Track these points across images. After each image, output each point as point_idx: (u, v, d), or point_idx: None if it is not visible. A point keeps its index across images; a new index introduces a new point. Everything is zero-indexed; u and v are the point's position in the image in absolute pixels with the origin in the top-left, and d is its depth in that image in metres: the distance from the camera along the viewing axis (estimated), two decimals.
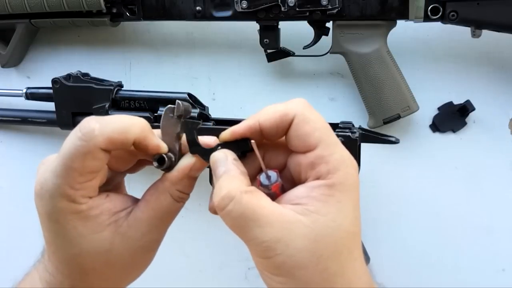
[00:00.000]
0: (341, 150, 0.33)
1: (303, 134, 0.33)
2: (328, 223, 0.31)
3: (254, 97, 0.69)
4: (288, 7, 0.60)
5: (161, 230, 0.37)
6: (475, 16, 0.57)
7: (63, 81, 0.62)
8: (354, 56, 0.61)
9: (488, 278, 0.66)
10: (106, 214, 0.34)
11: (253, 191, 0.32)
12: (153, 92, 0.61)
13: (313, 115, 0.34)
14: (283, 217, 0.31)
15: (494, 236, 0.65)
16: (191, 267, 0.72)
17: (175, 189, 0.36)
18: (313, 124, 0.33)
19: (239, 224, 0.32)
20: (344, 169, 0.32)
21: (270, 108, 0.35)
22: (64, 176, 0.32)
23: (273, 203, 0.32)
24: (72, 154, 0.32)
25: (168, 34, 0.70)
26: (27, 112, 0.70)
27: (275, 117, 0.34)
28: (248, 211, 0.31)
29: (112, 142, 0.32)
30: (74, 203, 0.33)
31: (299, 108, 0.34)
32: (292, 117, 0.34)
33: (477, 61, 0.64)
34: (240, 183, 0.33)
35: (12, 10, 0.65)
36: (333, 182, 0.32)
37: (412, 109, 0.62)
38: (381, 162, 0.66)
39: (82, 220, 0.33)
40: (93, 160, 0.32)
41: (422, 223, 0.66)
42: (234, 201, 0.31)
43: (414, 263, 0.66)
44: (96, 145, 0.32)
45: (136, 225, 0.35)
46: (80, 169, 0.32)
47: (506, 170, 0.64)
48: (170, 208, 0.36)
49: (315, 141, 0.33)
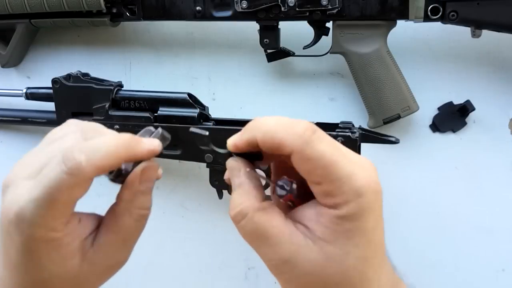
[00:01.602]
0: (351, 180, 0.30)
1: (304, 171, 0.31)
2: (335, 251, 0.30)
3: (254, 97, 0.69)
4: (288, 7, 0.59)
5: (127, 249, 0.36)
6: (475, 16, 0.57)
7: (63, 81, 0.62)
8: (354, 56, 0.61)
9: (488, 278, 0.66)
10: (77, 241, 0.33)
11: (266, 209, 0.32)
12: (153, 92, 0.61)
13: (315, 151, 0.30)
14: (292, 239, 0.31)
15: (494, 236, 0.65)
16: (191, 267, 0.72)
17: (134, 208, 0.35)
18: (313, 163, 0.30)
19: (251, 239, 0.32)
20: (355, 200, 0.30)
21: (270, 131, 0.31)
22: (47, 207, 0.31)
23: (286, 222, 0.32)
24: (58, 187, 0.30)
25: (168, 34, 0.70)
26: (27, 112, 0.70)
27: (272, 144, 0.31)
28: (259, 229, 0.31)
29: (101, 169, 0.31)
30: (52, 231, 0.32)
31: (298, 144, 0.30)
32: (289, 151, 0.31)
33: (477, 61, 0.64)
34: (254, 199, 0.32)
35: (12, 10, 0.65)
36: (342, 213, 0.30)
37: (412, 109, 0.61)
38: (381, 162, 0.66)
39: (56, 247, 0.32)
40: (80, 190, 0.31)
41: (422, 223, 0.66)
42: (246, 218, 0.32)
43: (414, 263, 0.66)
44: (85, 177, 0.31)
45: (101, 250, 0.34)
46: (66, 201, 0.31)
47: (506, 170, 0.64)
48: (131, 229, 0.35)
49: (317, 179, 0.31)
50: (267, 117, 0.33)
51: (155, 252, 0.72)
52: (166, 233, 0.72)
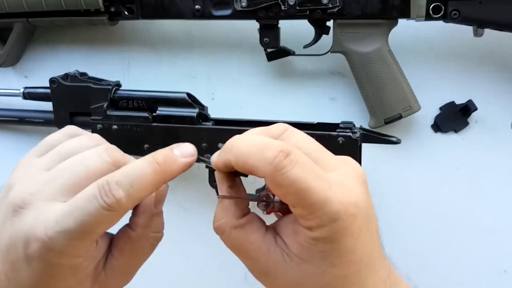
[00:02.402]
0: (329, 205, 0.29)
1: (278, 195, 0.31)
2: (311, 269, 0.30)
3: (254, 96, 0.68)
4: (288, 5, 0.59)
5: (136, 271, 0.36)
6: (477, 15, 0.57)
7: (60, 81, 0.62)
8: (355, 55, 0.60)
9: (490, 280, 0.65)
10: (92, 264, 0.33)
11: (243, 225, 0.33)
12: (152, 92, 0.61)
13: (286, 177, 0.29)
14: (270, 255, 0.32)
15: (496, 237, 0.65)
16: (190, 268, 0.71)
17: (150, 232, 0.35)
18: (286, 189, 0.29)
19: (232, 250, 0.34)
20: (329, 224, 0.29)
21: (242, 154, 0.31)
22: (81, 239, 0.30)
23: (264, 238, 0.32)
24: (96, 222, 0.29)
25: (167, 33, 0.70)
26: (25, 112, 0.70)
27: (245, 167, 0.31)
28: (237, 245, 0.33)
29: (138, 199, 0.31)
30: (77, 258, 0.31)
31: (268, 170, 0.29)
32: (262, 176, 0.30)
33: (479, 61, 0.63)
34: (231, 216, 0.33)
35: (10, 8, 0.64)
36: (317, 236, 0.30)
37: (413, 109, 0.61)
38: (382, 162, 0.65)
39: (74, 272, 0.31)
40: (116, 221, 0.31)
41: (424, 224, 0.66)
42: (224, 234, 0.33)
43: (415, 264, 0.66)
44: (125, 211, 0.30)
45: (113, 274, 0.34)
46: (97, 233, 0.30)
47: (508, 171, 0.64)
48: (146, 252, 0.36)
49: (291, 203, 0.30)
50: (241, 137, 0.32)
51: (154, 253, 0.72)
52: (166, 234, 0.71)
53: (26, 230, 0.30)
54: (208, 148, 0.58)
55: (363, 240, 0.31)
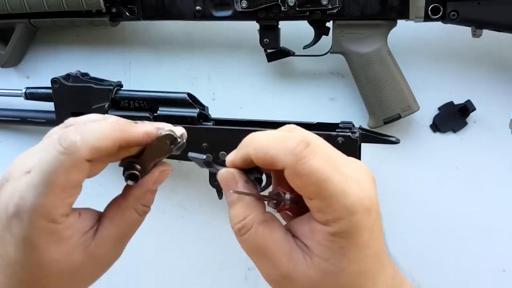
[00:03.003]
0: (343, 198, 0.30)
1: (296, 187, 0.31)
2: (330, 267, 0.31)
3: (254, 97, 0.69)
4: (288, 6, 0.59)
5: (125, 243, 0.37)
6: (475, 16, 0.57)
7: (62, 81, 0.62)
8: (355, 56, 0.61)
9: (489, 279, 0.66)
10: (78, 235, 0.33)
11: (268, 221, 0.32)
12: (153, 92, 0.61)
13: (307, 167, 0.30)
14: (291, 255, 0.31)
15: (494, 236, 0.65)
16: (191, 268, 0.72)
17: (140, 204, 0.35)
18: (305, 180, 0.30)
19: (253, 252, 0.33)
20: (346, 217, 0.30)
21: (262, 147, 0.31)
22: (46, 194, 0.30)
23: (286, 237, 0.32)
24: (55, 169, 0.30)
25: (168, 34, 0.70)
26: (27, 112, 0.70)
27: (265, 159, 0.31)
28: (262, 243, 0.32)
29: (96, 150, 0.31)
30: (53, 223, 0.31)
31: (290, 160, 0.30)
32: (282, 167, 0.31)
33: (477, 61, 0.64)
34: (257, 211, 0.33)
35: (12, 9, 0.64)
36: (335, 230, 0.30)
37: (412, 109, 0.61)
38: (381, 162, 0.66)
39: (56, 242, 0.32)
40: (78, 173, 0.31)
41: (422, 223, 0.66)
42: (250, 232, 0.32)
43: (414, 263, 0.66)
44: (81, 157, 0.30)
45: (103, 243, 0.34)
46: (64, 185, 0.31)
47: (506, 170, 0.64)
48: (134, 223, 0.36)
49: (309, 195, 0.31)
50: (260, 133, 0.33)
51: (154, 252, 0.72)
52: (166, 234, 0.72)
53: (5, 199, 0.32)
54: (208, 148, 0.58)
55: (376, 236, 0.32)
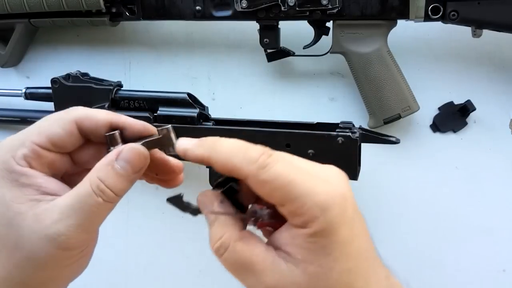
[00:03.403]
0: (314, 196, 0.30)
1: (263, 195, 0.31)
2: (317, 269, 0.30)
3: (254, 97, 0.69)
4: (288, 6, 0.59)
5: (76, 225, 0.32)
6: (475, 16, 0.57)
7: (62, 81, 0.62)
8: (355, 56, 0.61)
9: (489, 279, 0.65)
10: (34, 189, 0.33)
11: (246, 237, 0.32)
12: (153, 92, 0.61)
13: (271, 174, 0.30)
14: (275, 266, 0.31)
15: (494, 236, 0.65)
16: (190, 268, 0.72)
17: (96, 176, 0.33)
18: (270, 186, 0.30)
19: (235, 270, 0.33)
20: (323, 215, 0.29)
21: (225, 154, 0.31)
22: (24, 132, 0.35)
23: (267, 250, 0.32)
24: (47, 116, 0.36)
25: (168, 34, 0.70)
26: (26, 112, 0.70)
27: (227, 167, 0.31)
28: (242, 259, 0.32)
29: (88, 116, 0.35)
30: (13, 158, 0.33)
31: (252, 169, 0.30)
32: (245, 176, 0.30)
33: (477, 61, 0.64)
34: (233, 229, 0.33)
35: (11, 9, 0.64)
36: (313, 230, 0.30)
37: (412, 109, 0.61)
38: (381, 162, 0.66)
39: (11, 183, 0.32)
40: (58, 127, 0.34)
41: (423, 224, 0.66)
42: (228, 250, 0.32)
43: (414, 264, 0.66)
44: (71, 115, 0.35)
45: (51, 209, 0.32)
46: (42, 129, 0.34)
47: (506, 170, 0.64)
48: (86, 199, 0.32)
49: (278, 200, 0.30)
50: (223, 140, 0.33)
51: (155, 252, 0.72)
52: (166, 234, 0.72)
53: None
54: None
55: (357, 232, 0.31)
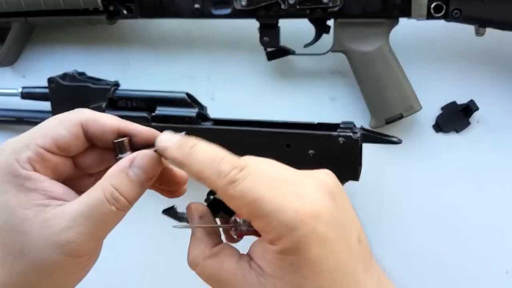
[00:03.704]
0: (280, 214, 0.29)
1: (233, 209, 0.32)
2: (286, 286, 0.30)
3: (254, 96, 0.68)
4: (289, 4, 0.59)
5: (86, 233, 0.32)
6: (479, 14, 0.57)
7: (59, 81, 0.62)
8: (356, 54, 0.60)
9: (492, 280, 0.65)
10: (40, 194, 0.32)
11: (216, 254, 0.33)
12: (151, 92, 0.61)
13: (237, 189, 0.30)
14: (245, 280, 0.31)
15: (497, 237, 0.65)
16: (190, 268, 0.71)
17: (109, 184, 0.32)
18: (238, 201, 0.30)
19: (209, 283, 0.34)
20: (289, 234, 0.29)
21: (199, 162, 0.31)
22: (28, 133, 0.34)
23: (239, 264, 0.32)
24: (52, 118, 0.35)
25: (166, 33, 0.70)
26: (23, 112, 0.70)
27: (199, 178, 0.32)
28: (213, 276, 0.33)
29: (93, 119, 0.35)
30: (17, 162, 0.32)
31: (221, 184, 0.30)
32: (215, 190, 0.31)
33: (480, 60, 0.63)
34: (204, 247, 0.34)
35: (8, 7, 0.64)
36: (280, 248, 0.30)
37: (414, 109, 0.61)
38: (383, 162, 0.65)
39: (16, 188, 0.32)
40: (63, 128, 0.34)
41: (425, 224, 0.66)
42: (198, 267, 0.33)
43: (416, 265, 0.66)
44: (77, 117, 0.35)
45: (59, 216, 0.31)
46: (48, 131, 0.34)
47: (510, 171, 0.64)
48: (99, 207, 0.32)
49: (246, 216, 0.31)
50: (201, 146, 0.32)
51: (154, 253, 0.72)
52: (165, 234, 0.71)
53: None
54: None
55: (334, 248, 0.30)
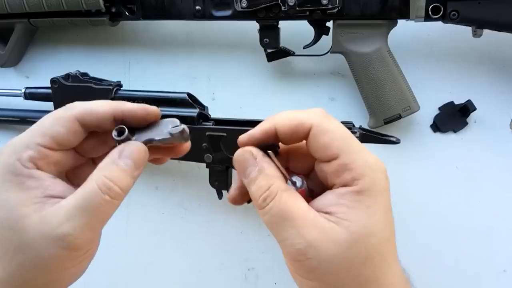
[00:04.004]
0: (365, 155, 0.33)
1: (322, 145, 0.33)
2: (360, 230, 0.31)
3: (254, 97, 0.69)
4: (288, 6, 0.59)
5: (82, 225, 0.32)
6: (476, 16, 0.57)
7: (62, 81, 0.62)
8: (355, 55, 0.61)
9: (489, 279, 0.65)
10: (40, 191, 0.33)
11: (291, 190, 0.33)
12: (153, 92, 0.61)
13: (331, 125, 0.34)
14: (316, 222, 0.32)
15: (495, 236, 0.65)
16: (190, 268, 0.71)
17: (102, 175, 0.33)
18: (331, 135, 0.33)
19: (276, 222, 0.32)
20: (370, 174, 0.32)
21: (288, 114, 0.34)
22: (27, 133, 0.34)
23: (309, 207, 0.33)
24: (47, 116, 0.35)
25: (168, 34, 0.70)
26: (26, 112, 0.70)
27: (291, 124, 0.34)
28: (286, 210, 0.32)
29: (88, 111, 0.35)
30: (19, 161, 0.33)
31: (316, 119, 0.34)
32: (309, 127, 0.33)
33: (478, 61, 0.64)
34: (280, 181, 0.33)
35: (11, 9, 0.64)
36: (360, 188, 0.32)
37: (413, 109, 0.61)
38: None
39: (17, 187, 0.32)
40: (60, 126, 0.34)
41: (423, 224, 0.66)
42: (275, 199, 0.32)
43: (414, 264, 0.66)
44: (71, 113, 0.35)
45: (57, 211, 0.32)
46: (46, 130, 0.34)
47: (507, 170, 0.64)
48: (93, 199, 0.32)
49: (335, 151, 0.33)
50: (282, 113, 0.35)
51: (154, 252, 0.72)
52: (166, 234, 0.72)
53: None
54: (208, 148, 0.58)
55: (390, 208, 0.34)
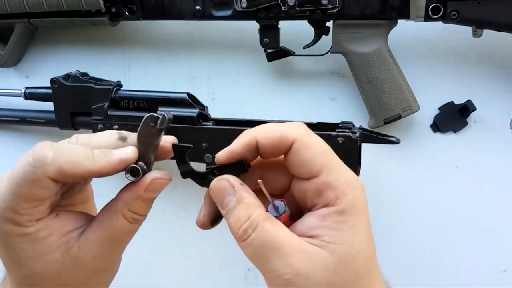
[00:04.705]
0: (346, 173, 0.32)
1: (305, 160, 0.32)
2: (346, 251, 0.30)
3: (254, 97, 0.69)
4: (288, 6, 0.59)
5: (115, 251, 0.35)
6: (476, 16, 0.57)
7: (62, 81, 0.62)
8: (355, 55, 0.61)
9: (489, 279, 0.65)
10: (56, 235, 0.33)
11: (272, 218, 0.32)
12: (153, 92, 0.61)
13: (314, 139, 0.33)
14: (302, 248, 0.31)
15: (495, 236, 0.65)
16: (191, 268, 0.71)
17: (128, 210, 0.34)
18: (315, 149, 0.32)
19: (260, 254, 0.31)
20: (351, 192, 0.31)
21: (270, 127, 0.33)
22: (9, 201, 0.31)
23: (292, 234, 0.32)
24: (19, 179, 0.31)
25: (168, 34, 0.70)
26: (26, 112, 0.70)
27: (273, 137, 0.33)
28: (270, 240, 0.31)
29: (62, 173, 0.31)
30: (20, 226, 0.32)
31: (299, 132, 0.33)
32: (292, 140, 0.32)
33: (478, 61, 0.64)
34: (260, 209, 0.32)
35: (11, 9, 0.64)
36: (343, 207, 0.31)
37: (413, 109, 0.61)
38: (381, 162, 0.65)
39: (30, 242, 0.32)
40: (41, 188, 0.31)
41: (423, 224, 0.66)
42: (256, 230, 0.31)
43: (415, 264, 0.66)
44: (45, 174, 0.31)
45: (87, 246, 0.33)
46: (26, 196, 0.31)
47: (507, 170, 0.64)
48: (122, 229, 0.34)
49: (318, 167, 0.32)
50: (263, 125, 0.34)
51: (154, 252, 0.72)
52: (166, 234, 0.72)
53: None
54: (208, 148, 0.58)
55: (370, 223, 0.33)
